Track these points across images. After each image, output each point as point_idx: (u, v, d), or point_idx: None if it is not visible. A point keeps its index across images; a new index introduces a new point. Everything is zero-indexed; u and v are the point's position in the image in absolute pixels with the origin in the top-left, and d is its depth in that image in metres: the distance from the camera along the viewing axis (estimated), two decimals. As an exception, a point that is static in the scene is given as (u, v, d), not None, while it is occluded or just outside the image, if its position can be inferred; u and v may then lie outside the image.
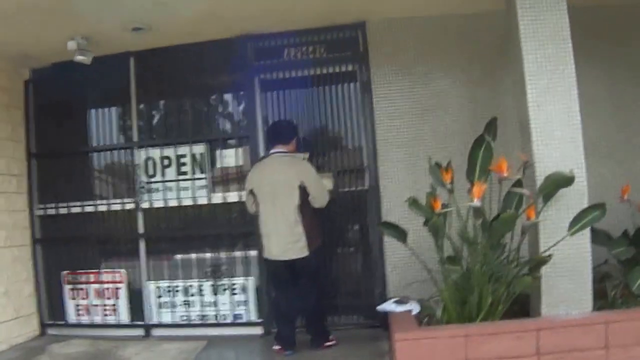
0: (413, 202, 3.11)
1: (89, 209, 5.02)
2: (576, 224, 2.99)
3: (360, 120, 4.62)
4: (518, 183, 3.16)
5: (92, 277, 5.06)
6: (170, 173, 4.88)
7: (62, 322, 5.08)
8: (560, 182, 2.93)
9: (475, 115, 4.52)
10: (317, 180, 3.84)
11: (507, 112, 4.43)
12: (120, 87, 5.01)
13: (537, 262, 2.92)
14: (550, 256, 2.92)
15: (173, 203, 4.85)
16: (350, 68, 4.66)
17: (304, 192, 3.76)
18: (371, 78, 4.58)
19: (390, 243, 4.47)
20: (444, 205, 3.20)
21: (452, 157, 4.37)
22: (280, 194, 3.76)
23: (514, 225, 2.93)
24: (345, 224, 4.65)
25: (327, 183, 4.29)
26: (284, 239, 3.75)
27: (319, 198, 3.83)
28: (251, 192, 3.92)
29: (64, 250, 5.10)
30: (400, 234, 3.37)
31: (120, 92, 5.01)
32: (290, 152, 3.90)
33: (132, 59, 5.00)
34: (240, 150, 4.75)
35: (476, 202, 2.94)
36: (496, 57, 4.55)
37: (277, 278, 3.91)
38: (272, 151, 3.93)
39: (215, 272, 4.76)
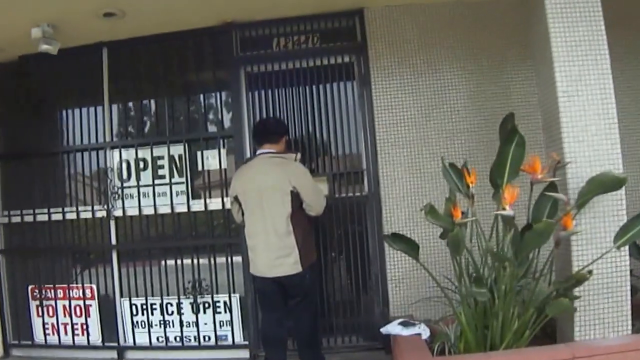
0: (431, 211, 2.60)
1: (56, 216, 4.50)
2: (623, 235, 2.52)
3: (358, 117, 4.13)
4: (551, 187, 2.68)
5: (60, 293, 4.54)
6: (146, 177, 4.37)
7: (28, 342, 4.56)
8: (607, 185, 2.46)
9: (485, 111, 4.07)
10: (312, 183, 3.32)
11: (521, 108, 4.00)
12: (92, 82, 4.51)
13: (576, 280, 2.44)
14: (590, 272, 2.45)
15: (149, 211, 4.33)
16: (346, 59, 4.19)
17: (296, 198, 3.24)
18: (370, 71, 4.10)
19: (392, 255, 4.00)
20: (464, 214, 2.71)
21: (461, 158, 3.96)
22: (269, 200, 3.24)
23: (549, 237, 2.45)
24: (342, 234, 4.13)
25: (322, 188, 3.81)
26: (274, 252, 3.22)
27: (315, 204, 3.32)
28: (236, 199, 3.41)
29: (31, 263, 4.57)
30: (412, 248, 2.87)
31: (92, 87, 4.51)
32: (279, 152, 3.37)
33: (105, 50, 4.50)
34: (224, 151, 4.24)
35: (508, 211, 2.47)
36: (507, 47, 4.11)
37: (266, 297, 3.37)
38: (259, 152, 3.41)
39: (195, 288, 4.25)
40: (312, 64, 4.19)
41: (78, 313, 4.49)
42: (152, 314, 4.33)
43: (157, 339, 4.32)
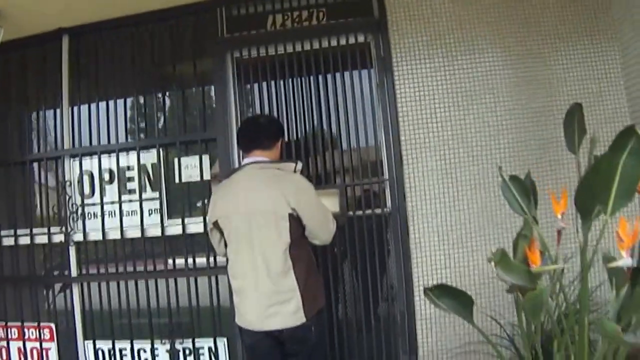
0: (503, 260, 1.69)
1: (7, 241, 3.67)
2: None
3: (378, 113, 3.25)
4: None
5: (14, 332, 3.70)
6: (112, 192, 3.51)
7: (-22, 393, 3.71)
8: None
9: (537, 101, 3.18)
10: (317, 203, 2.42)
11: (583, 97, 3.12)
12: (48, 77, 3.69)
13: None
14: None
15: (115, 234, 3.46)
16: (360, 40, 3.31)
17: (297, 223, 2.35)
18: (391, 53, 3.22)
19: (422, 287, 3.10)
20: (544, 257, 1.80)
21: (509, 163, 3.07)
22: (261, 228, 2.33)
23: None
24: (357, 262, 3.23)
25: (332, 205, 2.93)
26: (267, 299, 2.31)
27: (321, 231, 2.43)
28: (216, 225, 2.49)
29: (-22, 296, 3.73)
30: (464, 304, 1.95)
31: (48, 83, 3.69)
32: (273, 161, 2.47)
33: (65, 38, 3.67)
34: (206, 158, 3.37)
35: (625, 259, 1.57)
36: (562, 21, 3.23)
37: (256, 357, 2.48)
38: (246, 161, 2.48)
39: (173, 330, 3.37)
40: (318, 46, 3.32)
41: (35, 357, 3.65)
42: (121, 362, 3.47)
43: (128, 394, 3.45)
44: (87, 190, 3.57)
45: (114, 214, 3.48)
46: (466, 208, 3.12)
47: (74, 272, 3.55)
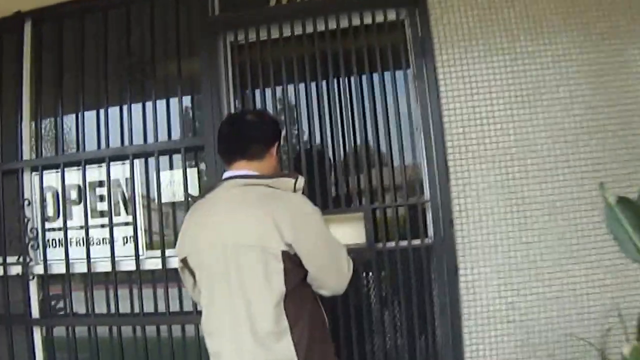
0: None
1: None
2: None
3: (414, 112, 2.47)
4: None
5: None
6: (79, 214, 2.80)
7: None
8: None
9: (627, 95, 2.37)
10: (324, 236, 1.67)
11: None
12: (7, 72, 3.01)
13: None
14: None
15: (81, 267, 2.75)
16: (391, 17, 2.53)
17: (296, 264, 1.61)
18: (432, 33, 2.45)
19: (474, 339, 2.32)
20: None
21: (592, 178, 2.28)
22: (243, 269, 1.60)
23: None
24: (386, 315, 2.44)
25: (354, 234, 2.17)
26: None
27: (330, 277, 1.67)
28: (185, 263, 1.77)
29: None
30: None
31: (6, 79, 3.01)
32: (263, 175, 1.71)
33: (27, 24, 2.99)
34: (192, 171, 2.63)
35: None
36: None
37: None
38: (226, 175, 1.73)
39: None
40: (335, 26, 2.55)
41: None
42: None
43: None
44: (50, 211, 2.87)
45: (80, 242, 2.77)
46: (537, 240, 2.32)
47: (35, 312, 2.85)
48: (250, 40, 2.60)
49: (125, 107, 2.73)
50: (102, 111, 2.77)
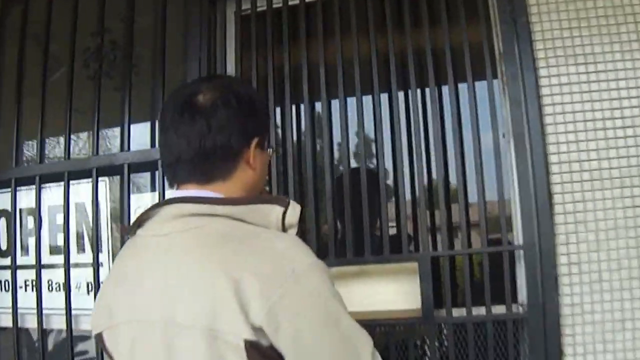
0: None
1: None
2: None
3: (500, 123, 1.62)
4: None
5: None
6: (28, 251, 2.10)
7: None
8: None
9: None
10: (332, 320, 0.84)
11: None
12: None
13: None
14: None
15: (31, 321, 2.03)
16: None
17: None
18: (529, 13, 1.62)
19: None
20: None
21: None
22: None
23: None
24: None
25: (401, 296, 1.45)
26: None
27: None
28: (101, 341, 0.97)
29: None
30: None
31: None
32: (229, 200, 0.91)
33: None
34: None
35: None
36: None
37: None
38: (170, 195, 0.95)
39: None
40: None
41: None
42: None
43: None
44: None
45: (28, 286, 2.07)
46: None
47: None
48: (259, 9, 1.84)
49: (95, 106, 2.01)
50: (67, 110, 2.06)
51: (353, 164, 1.77)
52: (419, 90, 1.77)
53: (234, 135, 0.91)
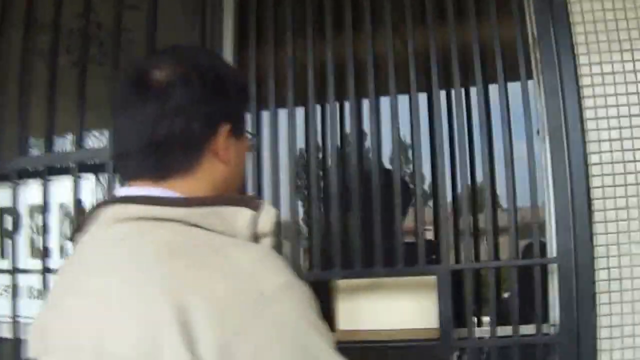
0: None
1: None
2: None
3: (533, 120, 1.41)
4: None
5: None
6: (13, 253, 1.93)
7: None
8: None
9: None
10: (309, 354, 0.64)
11: None
12: None
13: None
14: None
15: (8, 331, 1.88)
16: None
17: None
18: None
19: None
20: None
21: None
22: None
23: None
24: None
25: (415, 315, 1.27)
26: None
27: None
28: None
29: None
30: None
31: None
32: (186, 200, 0.71)
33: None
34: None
35: None
36: None
37: None
38: (118, 193, 0.76)
39: None
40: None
41: None
42: None
43: None
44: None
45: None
46: None
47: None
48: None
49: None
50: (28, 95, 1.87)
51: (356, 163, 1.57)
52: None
53: (196, 120, 0.72)
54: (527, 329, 1.40)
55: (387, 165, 1.59)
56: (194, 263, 0.65)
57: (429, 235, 1.69)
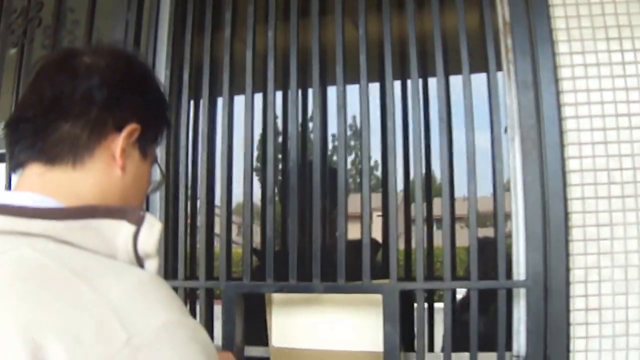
0: None
1: None
2: None
3: (502, 119, 1.20)
4: None
5: None
6: None
7: None
8: None
9: None
10: None
11: None
12: None
13: None
14: None
15: None
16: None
17: None
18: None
19: None
20: None
21: None
22: None
23: None
24: None
25: (349, 334, 1.08)
26: None
27: None
28: None
29: None
30: None
31: None
32: (59, 210, 0.56)
33: None
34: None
35: None
36: None
37: None
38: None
39: None
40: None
41: None
42: None
43: None
44: None
45: None
46: None
47: None
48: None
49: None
50: None
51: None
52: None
53: (101, 104, 0.62)
54: (487, 357, 1.20)
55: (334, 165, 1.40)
56: (54, 293, 0.50)
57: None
